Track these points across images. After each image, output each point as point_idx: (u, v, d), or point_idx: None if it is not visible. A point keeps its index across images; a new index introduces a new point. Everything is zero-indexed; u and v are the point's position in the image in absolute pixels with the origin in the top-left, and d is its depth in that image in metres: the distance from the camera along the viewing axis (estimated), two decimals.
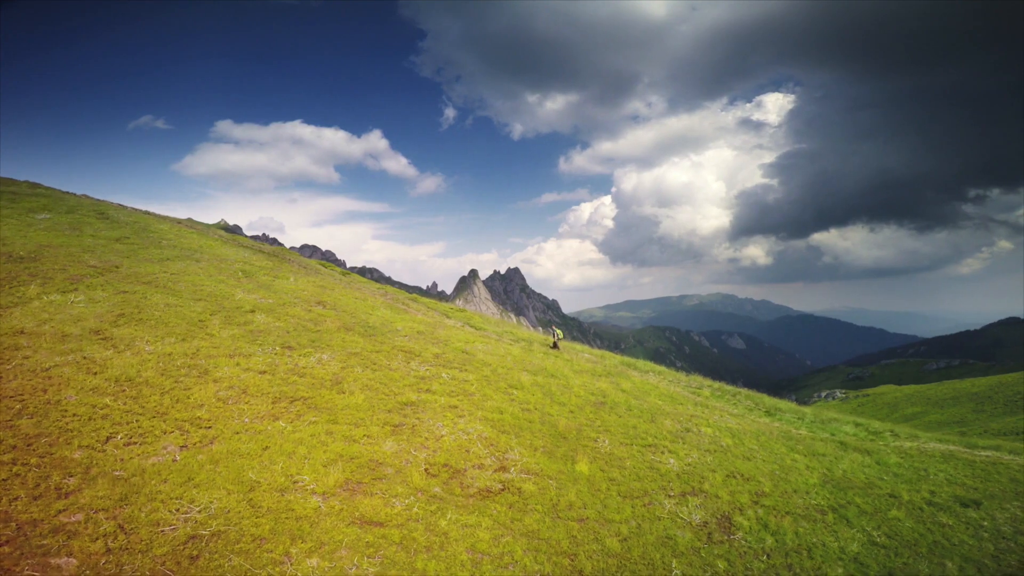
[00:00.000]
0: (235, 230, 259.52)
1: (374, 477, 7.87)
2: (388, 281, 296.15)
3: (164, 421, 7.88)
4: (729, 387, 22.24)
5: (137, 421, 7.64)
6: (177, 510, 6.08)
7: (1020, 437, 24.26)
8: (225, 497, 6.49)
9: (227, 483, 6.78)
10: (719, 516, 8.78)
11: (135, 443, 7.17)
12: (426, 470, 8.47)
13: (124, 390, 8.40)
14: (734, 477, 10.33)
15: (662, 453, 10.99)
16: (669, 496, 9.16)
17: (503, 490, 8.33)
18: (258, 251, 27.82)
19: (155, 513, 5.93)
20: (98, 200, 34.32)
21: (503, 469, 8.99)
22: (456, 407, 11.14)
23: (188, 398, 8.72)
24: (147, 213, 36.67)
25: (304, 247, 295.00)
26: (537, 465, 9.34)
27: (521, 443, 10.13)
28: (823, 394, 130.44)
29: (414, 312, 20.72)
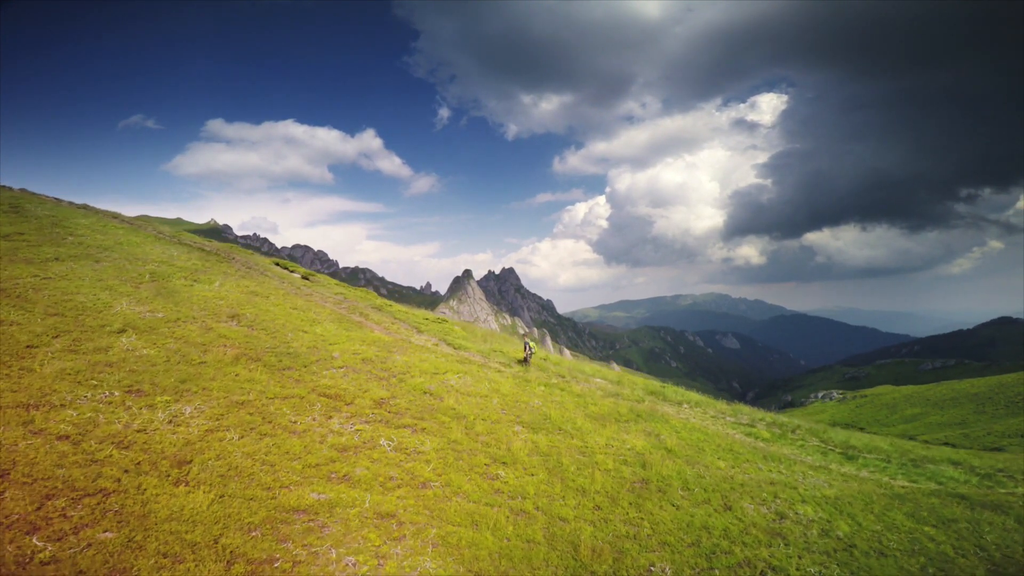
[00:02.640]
0: (225, 230, 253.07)
1: None
2: (381, 282, 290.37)
3: None
4: (784, 418, 18.32)
5: None
6: None
7: None
8: None
9: None
10: None
11: None
12: None
13: None
14: None
15: None
16: None
17: None
18: (197, 249, 23.89)
19: None
20: (26, 193, 30.10)
21: None
22: (391, 517, 6.91)
23: None
24: (85, 208, 32.48)
25: (296, 247, 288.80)
26: None
27: None
28: (820, 395, 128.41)
29: (372, 326, 16.88)
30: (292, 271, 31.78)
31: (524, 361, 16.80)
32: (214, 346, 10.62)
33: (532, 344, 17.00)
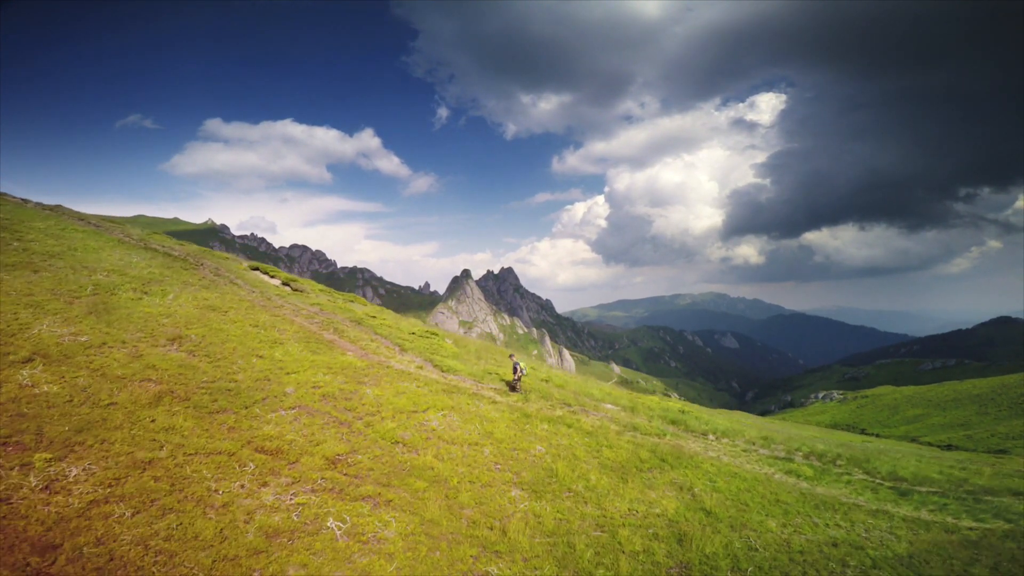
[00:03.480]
0: (223, 230, 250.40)
1: None
2: (380, 282, 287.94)
3: None
4: (820, 446, 16.17)
5: None
6: None
7: None
8: None
9: None
10: None
11: None
12: None
13: None
14: None
15: None
16: None
17: None
18: (163, 254, 21.97)
19: None
20: None
21: None
22: None
23: None
24: (57, 209, 30.48)
25: (294, 247, 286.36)
26: None
27: None
28: (820, 395, 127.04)
29: (345, 346, 14.91)
30: (272, 276, 29.80)
31: (514, 384, 14.81)
32: (135, 380, 8.70)
33: (522, 364, 14.87)
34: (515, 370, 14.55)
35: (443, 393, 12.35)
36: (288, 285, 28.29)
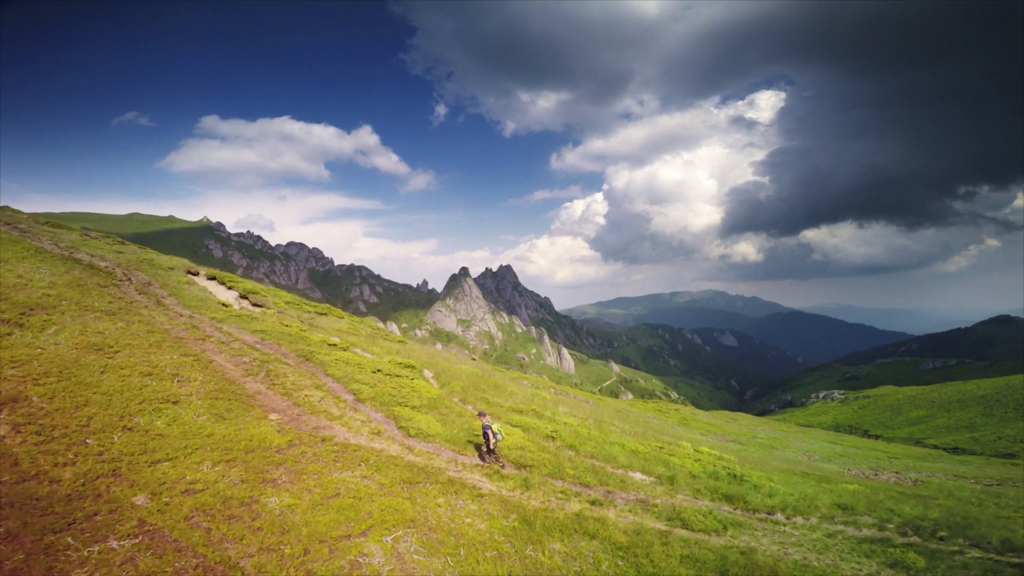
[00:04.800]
0: (218, 228, 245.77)
1: None
2: (377, 280, 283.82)
3: None
4: (909, 510, 12.21)
5: None
6: None
7: None
8: None
9: None
10: None
11: None
12: None
13: None
14: None
15: None
16: None
17: None
18: (85, 266, 18.51)
19: None
20: None
21: None
22: None
23: None
24: (2, 210, 26.99)
25: (291, 244, 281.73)
26: None
27: None
28: (821, 395, 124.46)
29: (271, 403, 11.02)
30: (231, 287, 26.18)
31: (489, 452, 11.34)
32: None
33: (496, 427, 11.22)
34: (486, 436, 11.03)
35: (402, 486, 8.76)
36: (246, 298, 24.68)
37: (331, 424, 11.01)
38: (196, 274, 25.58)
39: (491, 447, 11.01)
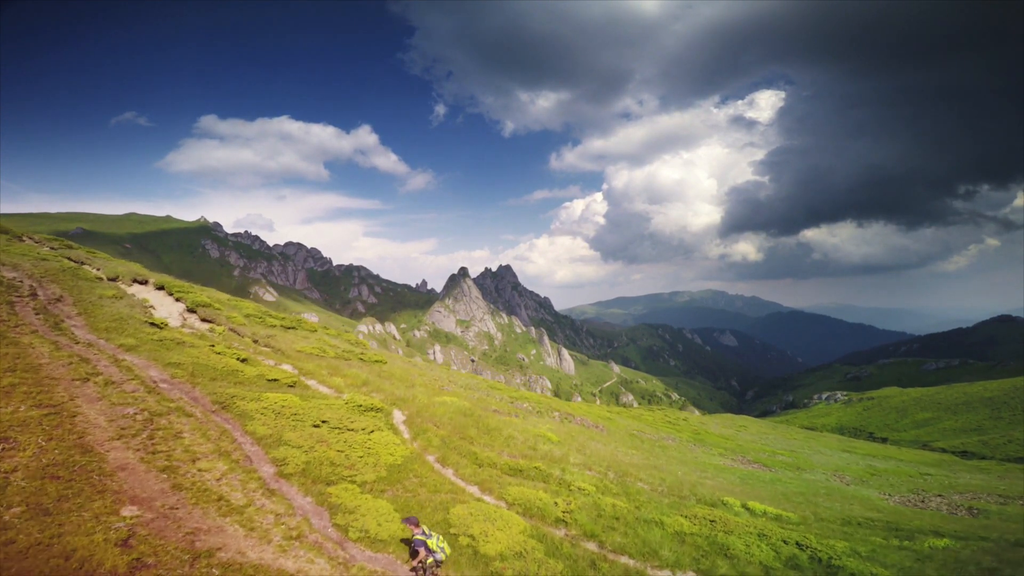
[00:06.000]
0: (216, 228, 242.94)
1: None
2: (376, 280, 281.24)
3: None
4: None
5: None
6: None
7: None
8: None
9: None
10: None
11: None
12: None
13: None
14: None
15: None
16: None
17: None
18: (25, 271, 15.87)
19: None
20: None
21: None
22: None
23: None
24: None
25: (289, 244, 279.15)
26: None
27: None
28: (823, 396, 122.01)
29: (144, 480, 7.89)
30: (179, 298, 22.40)
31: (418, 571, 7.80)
32: None
33: (433, 542, 7.76)
34: (414, 555, 7.82)
35: None
36: (195, 312, 21.53)
37: (223, 523, 7.39)
38: (144, 283, 22.77)
39: (420, 566, 7.47)
